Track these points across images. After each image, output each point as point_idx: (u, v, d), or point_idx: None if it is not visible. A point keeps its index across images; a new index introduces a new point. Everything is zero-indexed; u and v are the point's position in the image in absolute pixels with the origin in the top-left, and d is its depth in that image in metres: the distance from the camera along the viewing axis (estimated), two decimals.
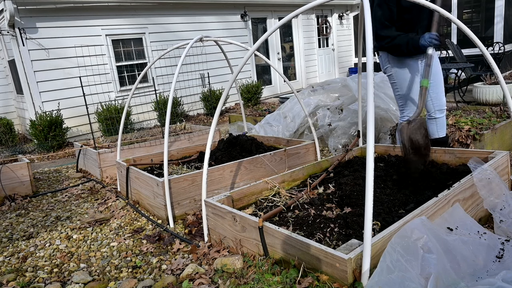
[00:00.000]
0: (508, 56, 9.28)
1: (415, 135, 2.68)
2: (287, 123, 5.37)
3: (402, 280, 1.58)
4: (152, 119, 8.15)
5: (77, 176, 4.89)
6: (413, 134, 2.68)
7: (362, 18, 3.16)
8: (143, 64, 8.12)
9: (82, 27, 7.22)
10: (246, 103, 9.19)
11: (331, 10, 12.30)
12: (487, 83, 6.06)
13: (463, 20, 9.71)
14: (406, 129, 2.73)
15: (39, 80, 6.81)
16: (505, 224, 2.23)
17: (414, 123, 2.72)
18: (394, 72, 3.23)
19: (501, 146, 3.90)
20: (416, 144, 2.68)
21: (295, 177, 3.11)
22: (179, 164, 4.04)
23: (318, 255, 1.86)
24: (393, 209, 2.36)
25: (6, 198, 4.05)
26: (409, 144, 2.70)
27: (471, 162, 2.57)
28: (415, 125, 2.70)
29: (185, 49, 3.23)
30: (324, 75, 12.31)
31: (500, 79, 2.61)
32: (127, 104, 4.01)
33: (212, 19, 9.21)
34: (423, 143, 2.69)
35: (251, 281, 2.02)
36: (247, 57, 2.48)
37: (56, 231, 3.22)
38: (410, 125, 2.73)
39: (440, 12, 2.48)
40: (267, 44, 10.64)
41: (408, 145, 2.70)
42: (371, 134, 1.72)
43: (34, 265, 2.66)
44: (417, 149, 2.68)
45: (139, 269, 2.48)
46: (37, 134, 6.35)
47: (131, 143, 5.22)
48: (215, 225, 2.53)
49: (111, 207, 3.63)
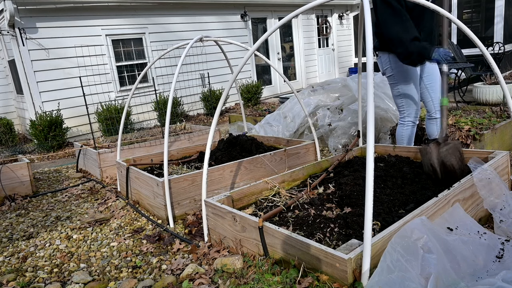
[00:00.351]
0: (508, 56, 9.28)
1: (449, 159, 2.59)
2: (287, 123, 5.37)
3: (402, 280, 1.58)
4: (152, 119, 8.15)
5: (77, 176, 4.89)
6: (447, 158, 2.60)
7: (362, 18, 3.16)
8: (143, 64, 8.12)
9: (82, 27, 7.22)
10: (246, 103, 9.19)
11: (331, 10, 12.30)
12: (487, 83, 6.06)
13: (463, 20, 9.71)
14: (436, 151, 2.64)
15: (39, 80, 6.81)
16: (505, 224, 2.23)
17: (448, 146, 2.62)
18: (396, 73, 3.21)
19: (501, 146, 3.90)
20: (451, 168, 2.60)
21: (295, 177, 3.11)
22: (179, 164, 4.04)
23: (318, 255, 1.86)
24: (393, 209, 2.36)
25: (6, 198, 4.05)
26: (440, 168, 2.63)
27: (471, 162, 2.56)
28: (449, 149, 2.61)
29: (185, 49, 3.23)
30: (324, 75, 12.31)
31: (500, 79, 2.61)
32: (127, 104, 4.01)
33: (212, 19, 9.21)
34: (458, 167, 2.61)
35: (251, 281, 2.02)
36: (247, 57, 2.48)
37: (56, 231, 3.22)
38: (442, 148, 2.63)
39: (440, 12, 2.48)
40: (267, 44, 10.64)
41: (439, 169, 2.63)
42: (371, 134, 1.72)
43: (34, 265, 2.66)
44: (451, 173, 2.60)
45: (139, 269, 2.48)
46: (37, 134, 6.35)
47: (131, 143, 5.22)
48: (215, 225, 2.53)
49: (111, 207, 3.63)
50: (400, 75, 3.20)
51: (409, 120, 3.33)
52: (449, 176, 2.61)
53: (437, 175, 2.67)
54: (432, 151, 2.67)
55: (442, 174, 2.65)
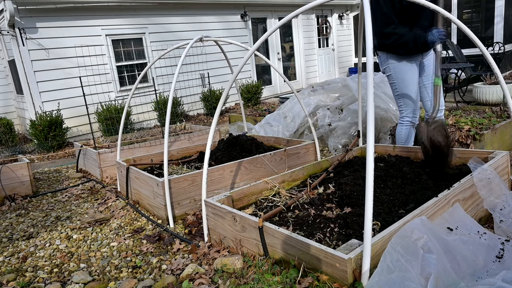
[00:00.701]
0: (508, 56, 9.28)
1: (436, 136, 2.73)
2: (287, 123, 5.37)
3: (402, 280, 1.58)
4: (152, 119, 8.15)
5: (77, 176, 4.89)
6: (434, 135, 2.74)
7: (362, 18, 3.16)
8: (143, 64, 8.12)
9: (82, 27, 7.22)
10: (246, 103, 9.19)
11: (331, 10, 12.30)
12: (487, 83, 6.06)
13: (463, 20, 9.71)
14: (425, 130, 2.78)
15: (39, 80, 6.81)
16: (505, 224, 2.23)
17: (434, 124, 2.77)
18: (394, 72, 3.23)
19: (501, 146, 3.90)
20: (438, 144, 2.73)
21: (295, 177, 3.11)
22: (179, 164, 4.04)
23: (318, 255, 1.86)
24: (393, 209, 2.36)
25: (6, 198, 4.05)
26: (429, 144, 2.76)
27: (471, 162, 2.57)
28: (435, 126, 2.76)
29: (185, 49, 3.23)
30: (324, 75, 12.31)
31: (500, 79, 2.61)
32: (127, 104, 4.01)
33: (212, 19, 9.21)
34: (444, 143, 2.74)
35: (251, 281, 2.02)
36: (247, 57, 2.48)
37: (56, 231, 3.22)
38: (430, 126, 2.78)
39: (440, 12, 2.48)
40: (267, 44, 10.64)
41: (428, 145, 2.77)
42: (371, 134, 1.72)
43: (34, 265, 2.66)
44: (439, 149, 2.74)
45: (139, 269, 2.48)
46: (37, 134, 6.35)
47: (131, 143, 5.22)
48: (215, 225, 2.53)
49: (111, 207, 3.63)
50: (398, 74, 3.22)
51: (409, 120, 3.34)
52: (438, 153, 2.76)
53: (428, 152, 2.81)
54: (423, 130, 2.81)
55: (431, 151, 2.78)
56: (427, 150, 2.81)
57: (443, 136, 2.74)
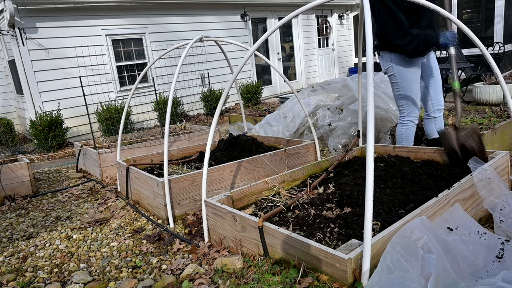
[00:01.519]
0: (508, 56, 9.28)
1: (469, 141, 2.78)
2: (287, 123, 5.37)
3: (402, 280, 1.58)
4: (152, 119, 8.15)
5: (77, 176, 4.89)
6: (467, 141, 2.78)
7: (362, 18, 3.16)
8: (143, 64, 8.12)
9: (82, 27, 7.22)
10: (246, 103, 9.19)
11: (331, 10, 12.30)
12: (487, 83, 6.06)
13: (463, 20, 9.71)
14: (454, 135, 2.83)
15: (39, 80, 6.81)
16: (505, 224, 2.23)
17: (466, 130, 2.81)
18: (397, 71, 3.21)
19: (501, 146, 3.90)
20: (471, 150, 2.77)
21: (295, 177, 3.11)
22: (179, 164, 4.04)
23: (318, 255, 1.86)
24: (393, 209, 2.36)
25: (6, 198, 4.05)
26: (461, 150, 2.82)
27: (471, 162, 2.57)
28: (468, 132, 2.80)
29: (185, 49, 3.23)
30: (324, 75, 12.31)
31: (500, 79, 2.61)
32: (127, 104, 4.01)
33: (212, 19, 9.21)
34: (478, 149, 2.78)
35: (251, 281, 2.02)
36: (247, 57, 2.48)
37: (56, 231, 3.22)
38: (461, 132, 2.82)
39: (440, 12, 2.48)
40: (267, 44, 10.64)
41: (460, 151, 2.82)
42: (371, 134, 1.72)
43: (34, 265, 2.66)
44: (471, 154, 2.75)
45: (139, 269, 2.48)
46: (37, 134, 6.35)
47: (131, 143, 5.22)
48: (215, 225, 2.53)
49: (111, 207, 3.63)
50: (402, 74, 3.20)
51: (409, 119, 3.34)
52: (469, 157, 2.77)
53: (458, 157, 2.86)
54: (452, 135, 2.86)
55: (463, 156, 2.83)
56: (457, 154, 2.85)
57: (476, 142, 2.78)
